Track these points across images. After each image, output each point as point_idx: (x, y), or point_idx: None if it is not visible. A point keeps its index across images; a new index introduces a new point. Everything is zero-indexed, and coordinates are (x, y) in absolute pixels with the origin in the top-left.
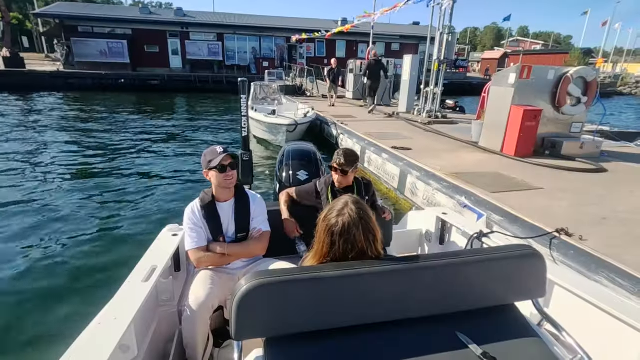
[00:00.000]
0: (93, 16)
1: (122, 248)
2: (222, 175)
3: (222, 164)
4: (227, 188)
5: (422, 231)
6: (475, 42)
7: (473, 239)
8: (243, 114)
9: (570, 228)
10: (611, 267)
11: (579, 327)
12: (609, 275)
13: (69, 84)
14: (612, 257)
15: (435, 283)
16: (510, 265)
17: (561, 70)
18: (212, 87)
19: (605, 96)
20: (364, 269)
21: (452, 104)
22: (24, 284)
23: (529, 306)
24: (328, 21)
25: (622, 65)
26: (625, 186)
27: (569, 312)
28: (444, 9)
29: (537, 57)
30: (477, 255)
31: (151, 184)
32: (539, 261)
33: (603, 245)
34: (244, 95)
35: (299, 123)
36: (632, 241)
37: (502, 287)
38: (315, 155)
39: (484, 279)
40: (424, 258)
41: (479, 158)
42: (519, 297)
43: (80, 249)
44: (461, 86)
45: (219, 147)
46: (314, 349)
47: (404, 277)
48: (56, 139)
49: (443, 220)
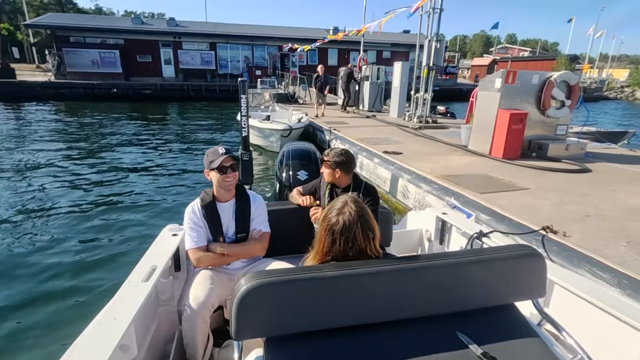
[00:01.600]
0: (85, 26)
1: (122, 248)
2: (222, 176)
3: (222, 165)
4: (227, 189)
5: (422, 231)
6: (465, 49)
7: (473, 239)
8: (243, 114)
9: (555, 225)
10: (593, 261)
11: (579, 327)
12: (591, 269)
13: (60, 93)
14: (593, 251)
15: (435, 283)
16: (510, 265)
17: (545, 74)
18: (205, 96)
19: (591, 100)
20: (364, 269)
21: (443, 109)
22: (23, 284)
23: (529, 306)
24: (320, 30)
25: (607, 71)
26: (607, 185)
27: (568, 312)
28: (432, 18)
29: (525, 64)
30: (476, 255)
31: (150, 185)
32: (539, 261)
33: (585, 240)
34: (244, 95)
35: (293, 128)
36: (612, 236)
37: (502, 287)
38: (315, 155)
39: (483, 279)
40: (424, 258)
41: (468, 161)
42: (519, 297)
43: (80, 249)
44: (451, 92)
45: (221, 148)
46: (314, 348)
47: (404, 277)
48: (50, 147)
49: (443, 220)
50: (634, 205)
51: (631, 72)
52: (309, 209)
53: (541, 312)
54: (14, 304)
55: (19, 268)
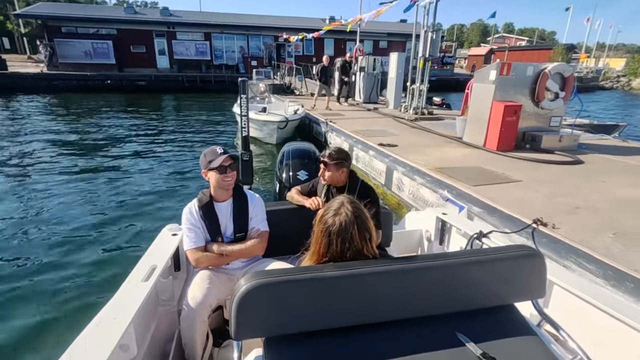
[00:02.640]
0: (76, 16)
1: (122, 248)
2: (222, 176)
3: (222, 165)
4: (226, 189)
5: (422, 231)
6: (462, 38)
7: (473, 239)
8: (243, 114)
9: (545, 217)
10: (579, 252)
11: (579, 327)
12: (577, 260)
13: (53, 85)
14: (581, 243)
15: (435, 283)
16: (510, 265)
17: (539, 66)
18: (200, 87)
19: (588, 90)
20: (363, 269)
21: (438, 100)
22: (23, 285)
23: (529, 306)
24: (316, 19)
25: (604, 60)
26: (599, 177)
27: (568, 313)
28: (428, 8)
29: (522, 53)
30: (476, 255)
31: (149, 184)
32: (539, 261)
33: (574, 232)
34: (244, 95)
35: (289, 120)
36: (600, 228)
37: (502, 287)
38: (315, 155)
39: (483, 279)
40: (423, 258)
41: (462, 153)
42: (519, 297)
43: (80, 249)
44: (448, 82)
45: (218, 148)
46: (314, 348)
47: (404, 277)
48: (43, 142)
49: (443, 220)
50: (623, 197)
51: (628, 61)
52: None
53: (541, 312)
54: (13, 303)
55: (16, 267)
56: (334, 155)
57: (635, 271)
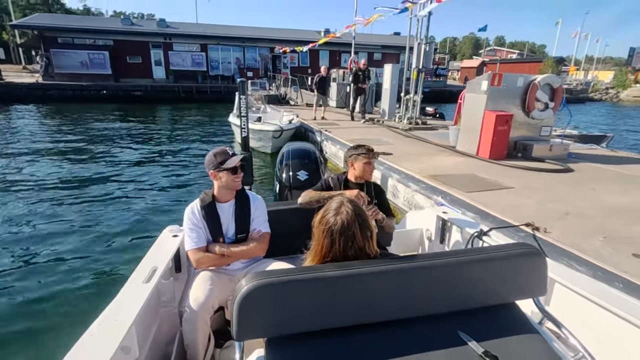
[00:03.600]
0: (73, 27)
1: (123, 249)
2: (234, 176)
3: (236, 166)
4: (235, 189)
5: (422, 230)
6: (455, 51)
7: (473, 238)
8: (243, 114)
9: (537, 222)
10: (570, 255)
11: (580, 325)
12: (568, 262)
13: (48, 95)
14: (571, 246)
15: (436, 282)
16: (511, 263)
17: (529, 77)
18: (196, 97)
19: (577, 102)
20: (364, 268)
21: (432, 110)
22: (24, 286)
23: (530, 304)
24: (311, 32)
25: (593, 72)
26: (588, 184)
27: (569, 310)
28: (421, 21)
29: (513, 65)
30: (477, 254)
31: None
32: (540, 259)
33: (565, 236)
34: (243, 95)
35: (284, 129)
36: (589, 232)
37: (503, 285)
38: (315, 155)
39: (484, 278)
40: (424, 257)
41: (455, 161)
42: (520, 295)
43: (81, 251)
44: (441, 93)
45: (228, 149)
46: (315, 348)
47: (405, 276)
48: (39, 150)
49: (443, 219)
50: (612, 204)
51: (616, 74)
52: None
53: (542, 310)
54: (14, 305)
55: (18, 270)
56: (373, 151)
57: (624, 272)
